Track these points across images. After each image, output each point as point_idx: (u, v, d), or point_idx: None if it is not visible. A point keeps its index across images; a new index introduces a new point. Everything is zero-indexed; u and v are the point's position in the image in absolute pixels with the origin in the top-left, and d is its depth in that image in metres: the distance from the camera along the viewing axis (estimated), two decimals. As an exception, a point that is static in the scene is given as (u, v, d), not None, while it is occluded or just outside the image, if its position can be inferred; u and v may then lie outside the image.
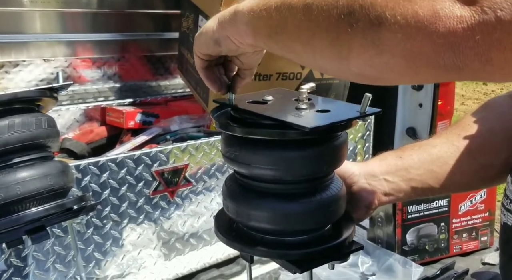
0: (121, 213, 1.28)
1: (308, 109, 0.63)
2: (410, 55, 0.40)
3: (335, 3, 0.43)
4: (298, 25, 0.48)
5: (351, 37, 0.43)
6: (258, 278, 1.47)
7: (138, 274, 1.33)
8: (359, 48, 0.43)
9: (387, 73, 0.44)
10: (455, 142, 0.80)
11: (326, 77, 1.76)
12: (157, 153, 1.32)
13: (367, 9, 0.41)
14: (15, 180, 0.82)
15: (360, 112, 0.60)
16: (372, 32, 0.41)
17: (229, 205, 0.65)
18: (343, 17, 0.43)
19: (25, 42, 1.72)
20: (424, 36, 0.38)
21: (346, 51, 0.44)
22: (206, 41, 0.62)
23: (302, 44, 0.50)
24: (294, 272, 0.61)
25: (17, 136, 0.85)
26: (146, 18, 2.01)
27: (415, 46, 0.39)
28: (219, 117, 0.65)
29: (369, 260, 1.41)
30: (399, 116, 1.85)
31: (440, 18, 0.37)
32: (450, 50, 0.38)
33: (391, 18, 0.39)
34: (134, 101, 1.94)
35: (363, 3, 0.41)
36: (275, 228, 0.62)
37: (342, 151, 0.64)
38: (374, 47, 0.41)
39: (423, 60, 0.40)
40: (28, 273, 1.14)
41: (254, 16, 0.54)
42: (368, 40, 0.42)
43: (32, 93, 0.91)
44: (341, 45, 0.44)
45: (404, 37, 0.39)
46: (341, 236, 0.65)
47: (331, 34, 0.45)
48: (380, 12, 0.40)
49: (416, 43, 0.39)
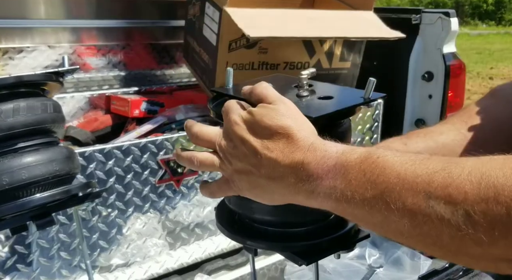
0: (126, 201, 1.26)
1: (309, 96, 0.61)
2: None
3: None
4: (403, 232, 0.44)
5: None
6: (263, 269, 1.46)
7: (143, 263, 1.32)
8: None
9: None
10: (462, 130, 0.77)
11: (334, 67, 1.73)
12: (163, 141, 1.30)
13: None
14: (20, 165, 0.81)
15: (364, 97, 0.58)
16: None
17: (231, 197, 0.63)
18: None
19: (29, 27, 1.70)
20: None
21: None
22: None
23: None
24: (300, 264, 0.60)
25: (23, 120, 0.83)
26: (152, 5, 1.98)
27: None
28: (216, 106, 0.63)
29: (376, 252, 1.40)
30: (408, 107, 1.82)
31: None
32: None
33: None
34: (139, 90, 1.91)
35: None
36: (279, 219, 0.60)
37: (346, 138, 0.62)
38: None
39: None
40: (32, 260, 1.13)
41: (343, 206, 0.46)
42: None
43: (38, 76, 0.88)
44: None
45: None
46: (347, 225, 0.63)
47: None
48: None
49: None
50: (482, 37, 18.31)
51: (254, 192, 0.54)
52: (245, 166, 0.53)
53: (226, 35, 1.48)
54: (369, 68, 1.82)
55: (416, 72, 1.82)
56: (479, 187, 0.39)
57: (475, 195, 0.39)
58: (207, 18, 1.59)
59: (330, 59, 1.71)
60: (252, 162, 0.52)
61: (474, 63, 9.86)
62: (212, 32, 1.55)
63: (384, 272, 1.34)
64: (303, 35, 1.50)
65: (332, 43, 1.68)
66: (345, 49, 1.72)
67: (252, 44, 1.53)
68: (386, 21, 1.59)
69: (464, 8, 28.65)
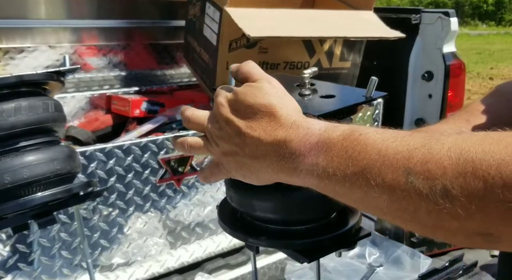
0: (127, 200, 1.26)
1: (311, 94, 0.61)
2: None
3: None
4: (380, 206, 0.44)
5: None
6: (264, 268, 1.46)
7: (143, 262, 1.32)
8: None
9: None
10: (463, 128, 0.77)
11: (334, 67, 1.74)
12: (163, 140, 1.30)
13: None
14: (22, 164, 0.81)
15: (366, 96, 0.59)
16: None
17: (233, 195, 0.63)
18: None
19: (30, 27, 1.70)
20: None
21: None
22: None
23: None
24: (301, 262, 0.60)
25: (24, 119, 0.83)
26: (152, 5, 1.98)
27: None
28: None
29: (376, 252, 1.40)
30: (408, 107, 1.82)
31: None
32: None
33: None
34: (140, 90, 1.92)
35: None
36: (281, 217, 0.61)
37: None
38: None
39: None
40: (33, 259, 1.13)
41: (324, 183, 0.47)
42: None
43: (39, 76, 0.89)
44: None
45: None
46: (348, 223, 0.64)
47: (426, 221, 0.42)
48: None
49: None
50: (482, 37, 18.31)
51: (241, 172, 0.54)
52: (230, 147, 0.53)
53: (226, 35, 1.49)
54: (369, 67, 1.83)
55: (416, 72, 1.82)
56: (457, 163, 0.39)
57: (454, 170, 0.39)
58: (208, 18, 1.60)
59: (330, 58, 1.71)
60: (237, 142, 0.52)
61: (474, 63, 9.87)
62: (212, 32, 1.56)
63: (384, 271, 1.34)
64: (303, 35, 1.51)
65: (332, 43, 1.69)
66: (345, 49, 1.72)
67: (252, 43, 1.54)
68: (386, 21, 1.60)
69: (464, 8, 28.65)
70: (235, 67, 0.58)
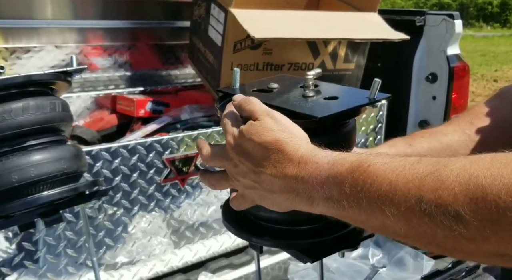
0: (132, 199, 1.27)
1: (315, 96, 0.61)
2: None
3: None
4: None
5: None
6: (267, 268, 1.47)
7: (148, 261, 1.33)
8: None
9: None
10: (466, 131, 0.78)
11: (339, 68, 1.74)
12: (168, 140, 1.31)
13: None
14: (29, 163, 0.82)
15: (369, 98, 0.59)
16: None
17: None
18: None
19: (36, 28, 1.72)
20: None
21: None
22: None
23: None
24: (305, 262, 0.60)
25: (31, 119, 0.84)
26: (157, 6, 2.00)
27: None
28: (223, 106, 0.63)
29: (379, 253, 1.40)
30: (411, 109, 1.83)
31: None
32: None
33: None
34: (145, 90, 1.93)
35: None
36: (284, 217, 0.61)
37: (350, 138, 0.62)
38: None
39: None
40: (39, 257, 1.14)
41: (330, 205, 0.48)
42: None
43: (46, 76, 0.90)
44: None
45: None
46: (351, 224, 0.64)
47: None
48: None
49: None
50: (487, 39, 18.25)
51: (265, 202, 0.56)
52: (249, 182, 0.55)
53: (231, 36, 1.50)
54: (373, 69, 1.83)
55: (420, 74, 1.83)
56: (467, 188, 0.40)
57: (465, 196, 0.40)
58: (213, 19, 1.61)
59: (335, 60, 1.72)
60: (253, 178, 0.54)
61: (479, 65, 9.84)
62: (217, 33, 1.56)
63: (387, 272, 1.34)
64: (308, 36, 1.51)
65: (337, 44, 1.69)
66: (349, 51, 1.72)
67: (257, 45, 1.54)
68: (390, 23, 1.60)
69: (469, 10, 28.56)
70: (237, 104, 0.59)
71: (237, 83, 0.67)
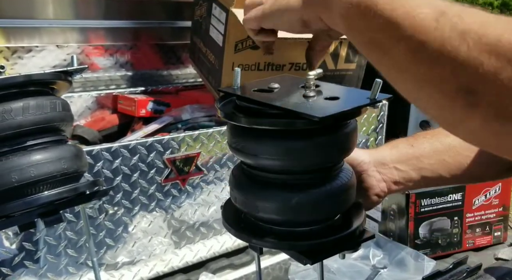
0: (132, 199, 1.27)
1: (316, 96, 0.61)
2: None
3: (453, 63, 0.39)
4: (404, 66, 0.44)
5: (468, 117, 0.40)
6: (268, 268, 1.46)
7: (148, 261, 1.33)
8: (476, 127, 0.40)
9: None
10: None
11: (340, 68, 1.74)
12: (169, 140, 1.31)
13: (493, 96, 0.37)
14: (29, 163, 0.82)
15: (370, 98, 0.59)
16: (497, 124, 0.38)
17: (237, 196, 0.63)
18: (460, 92, 0.40)
19: (38, 27, 1.72)
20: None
21: (458, 122, 0.42)
22: (290, 21, 0.57)
23: (406, 84, 0.46)
24: (305, 264, 0.60)
25: (32, 119, 0.84)
26: (158, 5, 1.99)
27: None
28: (224, 106, 0.63)
29: (380, 253, 1.40)
30: (412, 109, 1.82)
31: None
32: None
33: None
34: (146, 90, 1.93)
35: (487, 87, 0.37)
36: (284, 219, 0.61)
37: (352, 139, 0.62)
38: (494, 133, 0.39)
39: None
40: (39, 257, 1.14)
41: (351, 14, 0.46)
42: (489, 128, 0.39)
43: (47, 75, 0.90)
44: (453, 115, 0.41)
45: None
46: (352, 225, 0.64)
47: (442, 101, 0.42)
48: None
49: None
50: (489, 39, 18.20)
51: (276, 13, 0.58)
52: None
53: (232, 36, 1.49)
54: (374, 69, 1.82)
55: (422, 74, 1.82)
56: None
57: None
58: (214, 19, 1.60)
59: (336, 60, 1.71)
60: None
61: (481, 65, 9.81)
62: (218, 33, 1.56)
63: (388, 273, 1.34)
64: (309, 36, 1.51)
65: (338, 44, 1.69)
66: (350, 51, 1.72)
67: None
68: (392, 23, 1.59)
69: (471, 10, 28.53)
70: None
71: (238, 83, 0.66)
